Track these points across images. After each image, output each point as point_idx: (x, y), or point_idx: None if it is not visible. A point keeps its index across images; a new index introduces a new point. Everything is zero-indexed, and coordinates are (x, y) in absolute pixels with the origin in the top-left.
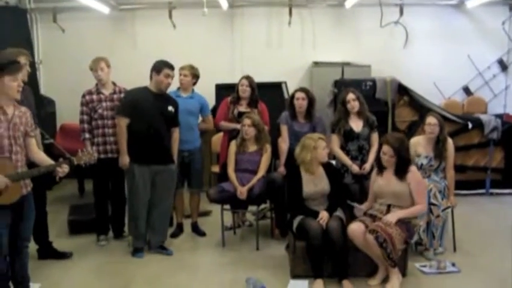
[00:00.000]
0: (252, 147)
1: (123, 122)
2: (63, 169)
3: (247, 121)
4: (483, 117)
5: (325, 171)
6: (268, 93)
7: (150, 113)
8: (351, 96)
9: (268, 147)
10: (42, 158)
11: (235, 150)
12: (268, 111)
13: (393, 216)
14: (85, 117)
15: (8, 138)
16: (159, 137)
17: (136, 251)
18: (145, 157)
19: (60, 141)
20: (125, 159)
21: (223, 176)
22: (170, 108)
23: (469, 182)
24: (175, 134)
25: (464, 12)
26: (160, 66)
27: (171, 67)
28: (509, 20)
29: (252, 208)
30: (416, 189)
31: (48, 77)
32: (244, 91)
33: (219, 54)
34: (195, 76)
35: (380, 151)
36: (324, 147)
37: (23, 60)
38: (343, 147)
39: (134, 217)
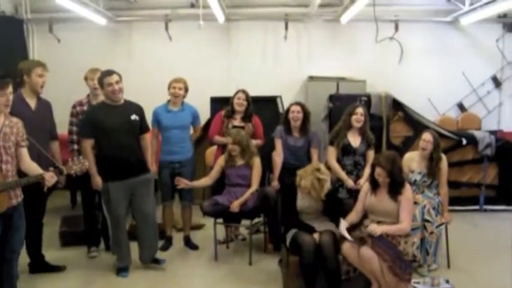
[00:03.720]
0: (240, 161)
1: (87, 144)
2: (52, 179)
3: (229, 139)
4: (477, 133)
5: None
6: (263, 108)
7: (112, 128)
8: (360, 110)
9: (255, 161)
10: (34, 169)
11: (222, 165)
12: (263, 126)
13: (378, 228)
14: (74, 128)
15: None
16: (127, 150)
17: (120, 271)
18: (118, 173)
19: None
20: (97, 181)
21: (217, 189)
22: (134, 117)
23: (463, 198)
24: (144, 141)
25: (459, 29)
26: (102, 78)
27: (110, 73)
28: (503, 37)
29: (246, 222)
30: (404, 207)
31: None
32: (241, 105)
33: (214, 67)
34: (187, 90)
35: (374, 170)
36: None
37: (39, 71)
38: (339, 161)
39: (115, 236)
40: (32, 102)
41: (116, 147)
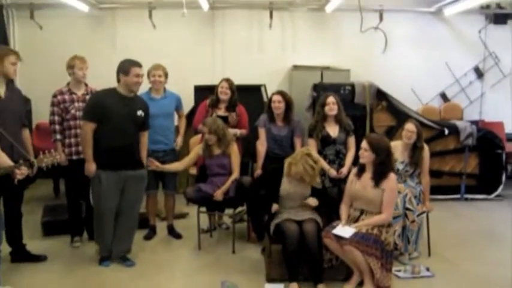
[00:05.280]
0: (217, 151)
1: (88, 127)
2: (22, 171)
3: (204, 129)
4: (459, 123)
5: None
6: (247, 96)
7: (118, 118)
8: (331, 99)
9: (232, 149)
10: (3, 161)
11: (198, 153)
12: (248, 114)
13: (361, 224)
14: (56, 117)
15: None
16: (128, 142)
17: (103, 260)
18: (114, 163)
19: (36, 141)
20: (91, 167)
21: (201, 178)
22: (140, 112)
23: (445, 187)
24: (144, 138)
25: (443, 20)
26: (128, 66)
27: (139, 65)
28: (485, 28)
29: (229, 211)
30: (387, 197)
31: (25, 75)
32: (225, 93)
33: (198, 55)
34: (167, 76)
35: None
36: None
37: (12, 59)
38: (320, 152)
39: (100, 226)
40: (1, 90)
41: (116, 137)
